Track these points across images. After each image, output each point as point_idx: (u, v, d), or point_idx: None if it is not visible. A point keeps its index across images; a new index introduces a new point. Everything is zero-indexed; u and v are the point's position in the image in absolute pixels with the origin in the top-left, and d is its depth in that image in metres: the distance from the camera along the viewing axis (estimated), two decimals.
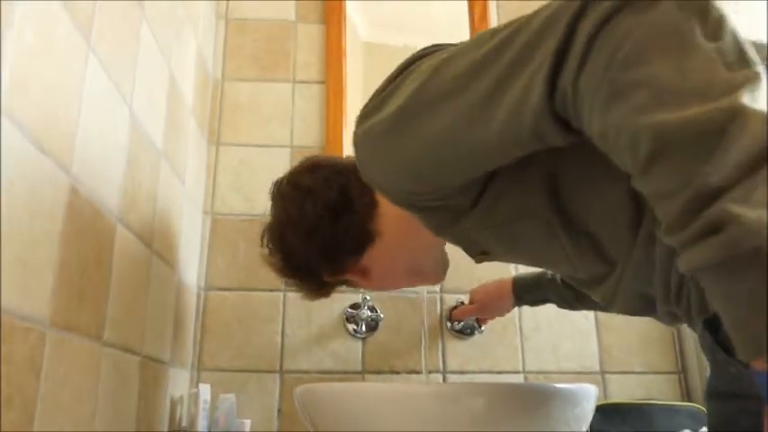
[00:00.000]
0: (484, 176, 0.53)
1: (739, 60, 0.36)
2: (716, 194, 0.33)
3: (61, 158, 0.61)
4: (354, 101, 1.31)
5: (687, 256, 0.35)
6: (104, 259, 0.72)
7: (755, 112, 0.34)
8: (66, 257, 0.62)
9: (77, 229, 0.64)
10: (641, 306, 0.57)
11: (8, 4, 0.51)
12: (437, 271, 0.79)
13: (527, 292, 0.95)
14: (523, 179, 0.53)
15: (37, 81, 0.56)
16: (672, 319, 0.57)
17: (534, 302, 0.97)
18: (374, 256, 0.72)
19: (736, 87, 0.35)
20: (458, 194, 0.55)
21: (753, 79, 0.35)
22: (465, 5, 1.39)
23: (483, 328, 1.17)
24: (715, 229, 0.33)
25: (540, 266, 0.63)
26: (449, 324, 1.18)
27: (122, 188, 0.78)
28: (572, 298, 0.87)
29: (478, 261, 0.69)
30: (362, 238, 0.70)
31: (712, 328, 0.52)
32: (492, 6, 1.41)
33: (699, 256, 0.34)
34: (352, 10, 1.37)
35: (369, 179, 0.59)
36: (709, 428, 0.57)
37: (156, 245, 0.92)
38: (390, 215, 0.70)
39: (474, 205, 0.56)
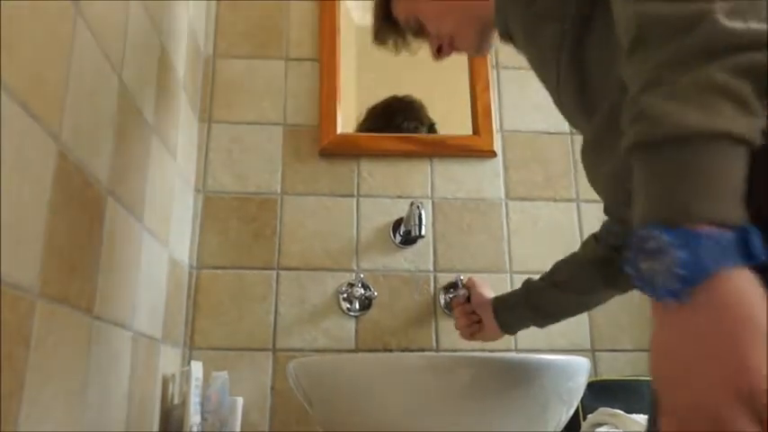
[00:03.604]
0: None
1: None
2: (655, 85, 0.37)
3: (50, 123, 0.59)
4: (347, 79, 1.29)
5: (623, 139, 0.40)
6: (95, 231, 0.71)
7: (723, 23, 0.36)
8: (56, 227, 0.61)
9: (67, 198, 0.63)
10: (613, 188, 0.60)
11: None
12: (486, 32, 0.77)
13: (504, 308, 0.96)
14: None
15: (24, 43, 0.54)
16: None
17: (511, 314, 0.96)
18: None
19: None
20: None
21: None
22: None
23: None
24: (638, 116, 0.38)
25: (538, 77, 0.66)
26: (442, 302, 1.18)
27: (112, 159, 0.76)
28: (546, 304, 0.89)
29: (502, 41, 0.71)
30: None
31: None
32: None
33: (625, 140, 0.39)
34: None
35: None
36: None
37: (148, 220, 0.91)
38: None
39: None
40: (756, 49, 0.36)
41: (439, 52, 0.82)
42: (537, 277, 0.92)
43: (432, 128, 1.30)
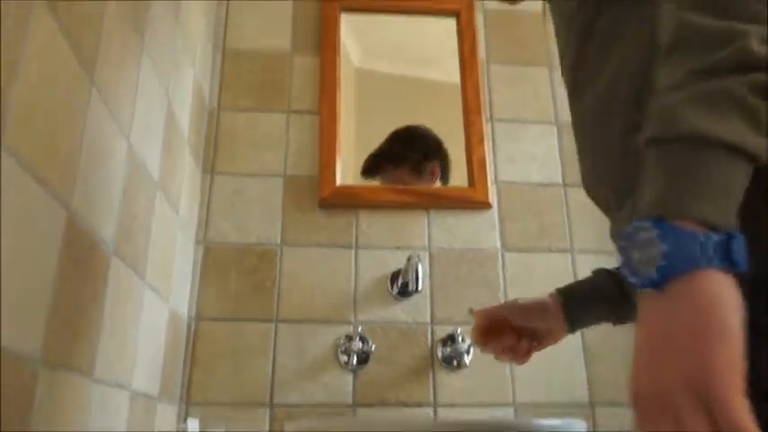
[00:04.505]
0: None
1: None
2: (679, 88, 0.40)
3: (61, 191, 0.61)
4: (347, 131, 1.33)
5: (641, 132, 0.42)
6: (98, 293, 0.72)
7: (752, 45, 0.38)
8: (62, 292, 0.61)
9: (73, 264, 0.64)
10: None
11: (15, 41, 0.51)
12: None
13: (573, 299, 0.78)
14: None
15: (39, 113, 0.56)
16: None
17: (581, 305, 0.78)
18: None
19: (760, 20, 0.39)
20: None
21: None
22: (455, 37, 1.43)
23: (471, 355, 1.16)
24: (658, 114, 0.40)
25: (556, 35, 0.68)
26: (439, 355, 1.18)
27: (118, 220, 0.77)
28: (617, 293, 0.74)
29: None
30: None
31: None
32: (480, 39, 1.45)
33: (643, 133, 0.41)
34: (346, 38, 1.40)
35: None
36: None
37: (149, 276, 0.91)
38: None
39: None
40: None
41: None
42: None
43: (439, 152, 1.33)
